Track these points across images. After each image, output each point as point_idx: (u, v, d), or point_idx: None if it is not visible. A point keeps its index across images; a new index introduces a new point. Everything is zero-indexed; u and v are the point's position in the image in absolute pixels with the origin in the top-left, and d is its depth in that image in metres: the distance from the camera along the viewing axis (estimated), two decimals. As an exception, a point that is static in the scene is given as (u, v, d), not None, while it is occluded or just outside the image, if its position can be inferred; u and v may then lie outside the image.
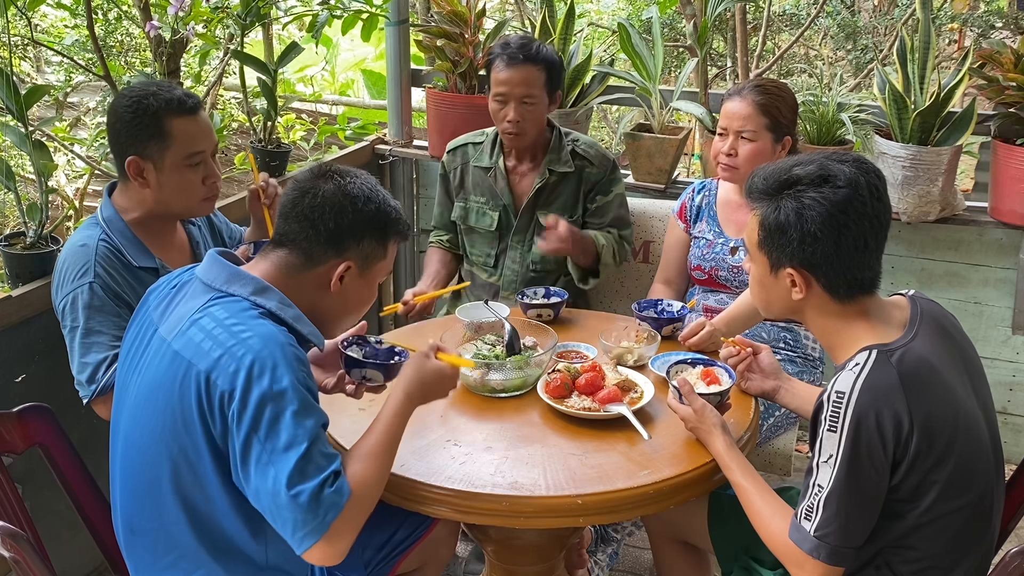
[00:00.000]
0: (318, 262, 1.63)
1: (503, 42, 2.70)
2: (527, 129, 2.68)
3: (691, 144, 5.35)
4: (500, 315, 2.26)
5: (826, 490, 1.53)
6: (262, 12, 2.81)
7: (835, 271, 1.58)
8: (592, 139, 2.88)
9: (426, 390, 1.72)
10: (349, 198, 1.62)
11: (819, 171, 1.57)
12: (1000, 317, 3.12)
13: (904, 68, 2.94)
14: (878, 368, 1.52)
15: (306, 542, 1.47)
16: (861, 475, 1.51)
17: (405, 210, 3.78)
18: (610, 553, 2.60)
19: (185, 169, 2.06)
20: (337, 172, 1.66)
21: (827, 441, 1.53)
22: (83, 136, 4.32)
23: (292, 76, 6.38)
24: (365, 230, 1.64)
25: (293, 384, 1.49)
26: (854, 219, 1.55)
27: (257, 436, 1.47)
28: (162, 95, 2.04)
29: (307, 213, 1.62)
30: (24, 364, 2.29)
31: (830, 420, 1.53)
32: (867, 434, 1.50)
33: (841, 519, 1.53)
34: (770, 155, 2.51)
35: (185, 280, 1.67)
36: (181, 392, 1.51)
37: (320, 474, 1.47)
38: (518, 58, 2.63)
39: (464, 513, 1.75)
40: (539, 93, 2.66)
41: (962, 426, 1.56)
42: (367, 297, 1.72)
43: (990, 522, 1.65)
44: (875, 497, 1.54)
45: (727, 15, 5.40)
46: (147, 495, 1.58)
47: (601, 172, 2.78)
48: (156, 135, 2.02)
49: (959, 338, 1.68)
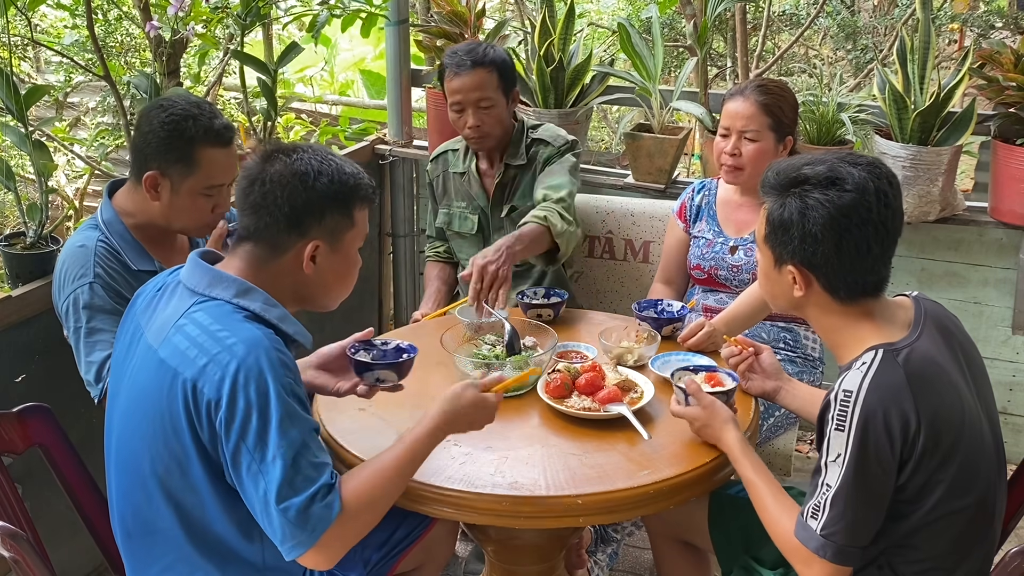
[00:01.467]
0: (284, 249, 1.58)
1: (451, 51, 2.70)
2: (489, 131, 2.69)
3: (691, 144, 5.34)
4: (500, 315, 2.26)
5: (833, 489, 1.53)
6: (262, 12, 2.80)
7: (835, 273, 1.58)
8: (553, 126, 2.82)
9: (460, 421, 1.67)
10: (298, 176, 1.56)
11: (828, 172, 1.56)
12: (1000, 317, 3.12)
13: (904, 68, 2.93)
14: (885, 367, 1.52)
15: (295, 552, 1.48)
16: (868, 474, 1.51)
17: (405, 210, 3.81)
18: (610, 553, 2.60)
19: (200, 197, 2.05)
20: (282, 151, 1.59)
21: (835, 440, 1.53)
22: (83, 136, 4.32)
23: (292, 76, 6.38)
24: (324, 205, 1.58)
25: (278, 392, 1.47)
26: (857, 224, 1.54)
27: (246, 445, 1.46)
28: (202, 122, 2.01)
29: (259, 202, 1.56)
30: (24, 364, 2.29)
31: (838, 419, 1.52)
32: (875, 433, 1.49)
33: (848, 518, 1.53)
34: (772, 155, 2.51)
35: (170, 283, 1.65)
36: (169, 400, 1.50)
37: (309, 487, 1.46)
38: (466, 64, 2.63)
39: (464, 513, 1.76)
40: (494, 95, 2.66)
41: (967, 426, 1.56)
42: (349, 268, 1.67)
43: (992, 522, 1.65)
44: (882, 496, 1.54)
45: (727, 15, 5.39)
46: (141, 499, 1.58)
47: (554, 149, 2.74)
48: (184, 160, 2.01)
49: (962, 339, 1.68)
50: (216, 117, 2.05)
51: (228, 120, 2.09)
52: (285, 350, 1.54)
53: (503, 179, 2.76)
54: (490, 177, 2.82)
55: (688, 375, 1.95)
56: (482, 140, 2.71)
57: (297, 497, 1.45)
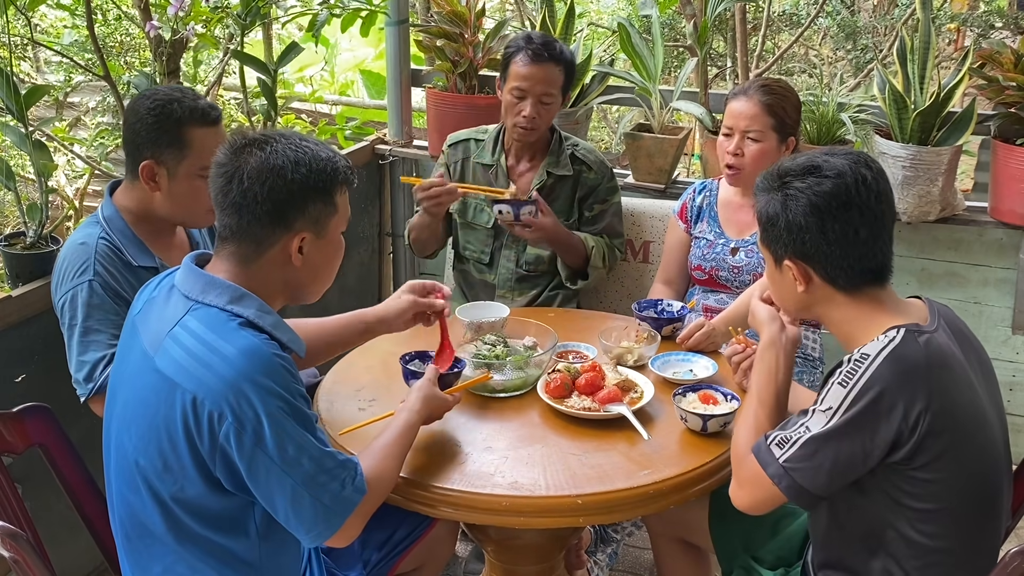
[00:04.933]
0: (269, 244, 1.56)
1: (526, 36, 2.66)
2: (539, 127, 2.67)
3: (691, 144, 5.34)
4: (500, 315, 2.26)
5: (811, 433, 1.53)
6: (262, 12, 2.81)
7: (828, 260, 1.58)
8: (591, 145, 2.88)
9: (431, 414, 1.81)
10: (276, 171, 1.52)
11: (807, 163, 1.60)
12: (1000, 317, 3.12)
13: (904, 68, 2.93)
14: (906, 345, 1.51)
15: (323, 536, 1.55)
16: (851, 437, 1.50)
17: (405, 210, 3.81)
18: (609, 553, 2.61)
19: (197, 179, 2.05)
20: (255, 143, 1.55)
21: (833, 393, 1.53)
22: (83, 136, 4.32)
23: (292, 76, 6.38)
24: (306, 196, 1.55)
25: (283, 395, 1.48)
26: (838, 208, 1.55)
27: (263, 450, 1.47)
28: (187, 103, 2.02)
29: (239, 201, 1.53)
30: (24, 364, 2.29)
31: (844, 376, 1.52)
32: (874, 403, 1.49)
33: (815, 463, 1.53)
34: (775, 155, 2.51)
35: (165, 285, 1.64)
36: (166, 411, 1.50)
37: (341, 472, 1.54)
38: (543, 56, 2.60)
39: (464, 513, 1.76)
40: (556, 93, 2.65)
41: (978, 422, 1.56)
42: (335, 253, 1.67)
43: (997, 520, 1.64)
44: (852, 463, 1.52)
45: (727, 15, 5.39)
46: (138, 502, 1.58)
47: (599, 178, 2.77)
48: (175, 143, 2.02)
49: (973, 341, 1.67)
50: (200, 98, 2.07)
51: (212, 102, 2.11)
52: (282, 352, 1.53)
53: (543, 185, 2.74)
54: (516, 174, 2.80)
55: (686, 397, 1.96)
56: (530, 134, 2.68)
57: (332, 483, 1.52)
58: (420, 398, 1.78)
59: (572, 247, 2.70)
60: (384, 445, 1.68)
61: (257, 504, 1.55)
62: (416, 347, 2.06)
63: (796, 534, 1.93)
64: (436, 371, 1.86)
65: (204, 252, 1.66)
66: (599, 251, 2.72)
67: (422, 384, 1.81)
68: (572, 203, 2.78)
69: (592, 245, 2.71)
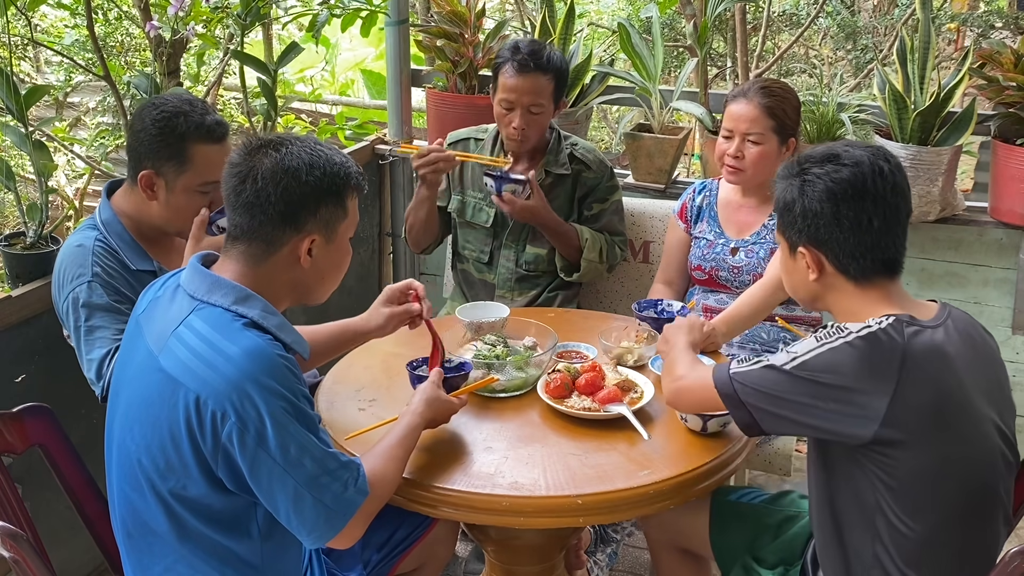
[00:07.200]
0: (280, 245, 1.57)
1: (513, 46, 2.65)
2: (530, 136, 2.68)
3: (691, 144, 5.34)
4: (500, 315, 2.26)
5: (769, 364, 1.58)
6: (262, 12, 2.80)
7: (841, 248, 1.60)
8: (591, 144, 2.87)
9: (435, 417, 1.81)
10: (291, 173, 1.54)
11: (827, 151, 1.63)
12: (1000, 317, 3.12)
13: (904, 68, 2.93)
14: (890, 332, 1.52)
15: (325, 538, 1.55)
16: (802, 391, 1.54)
17: (405, 210, 3.80)
18: (609, 553, 2.61)
19: (195, 194, 2.04)
20: (271, 144, 1.57)
21: (805, 343, 1.57)
22: (83, 136, 4.32)
23: (292, 76, 6.38)
24: (318, 198, 1.57)
25: (287, 395, 1.49)
26: (853, 196, 1.58)
27: (266, 451, 1.47)
28: (194, 118, 2.00)
29: (252, 200, 1.54)
30: (24, 364, 2.29)
31: (823, 334, 1.56)
32: (839, 367, 1.51)
33: (763, 392, 1.58)
34: (776, 157, 2.51)
35: (171, 285, 1.64)
36: (170, 410, 1.50)
37: (343, 473, 1.54)
38: (528, 66, 2.59)
39: (464, 513, 1.76)
40: (546, 102, 2.64)
41: (963, 421, 1.54)
42: (343, 258, 1.68)
43: (993, 522, 1.63)
44: (795, 418, 1.56)
45: (727, 15, 5.39)
46: (140, 501, 1.58)
47: (598, 177, 2.77)
48: (176, 157, 2.00)
49: (982, 348, 1.66)
50: (208, 113, 2.03)
51: (221, 116, 2.08)
52: (286, 353, 1.54)
53: (540, 185, 2.73)
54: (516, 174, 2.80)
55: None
56: (522, 143, 2.69)
57: (334, 484, 1.52)
58: (423, 400, 1.78)
59: (562, 235, 2.70)
60: (387, 447, 1.69)
61: (259, 505, 1.55)
62: (423, 352, 2.04)
63: (799, 536, 1.92)
64: (440, 374, 1.86)
65: (210, 253, 1.66)
66: (595, 244, 2.72)
67: (425, 387, 1.82)
68: (571, 202, 2.78)
69: (587, 237, 2.71)
